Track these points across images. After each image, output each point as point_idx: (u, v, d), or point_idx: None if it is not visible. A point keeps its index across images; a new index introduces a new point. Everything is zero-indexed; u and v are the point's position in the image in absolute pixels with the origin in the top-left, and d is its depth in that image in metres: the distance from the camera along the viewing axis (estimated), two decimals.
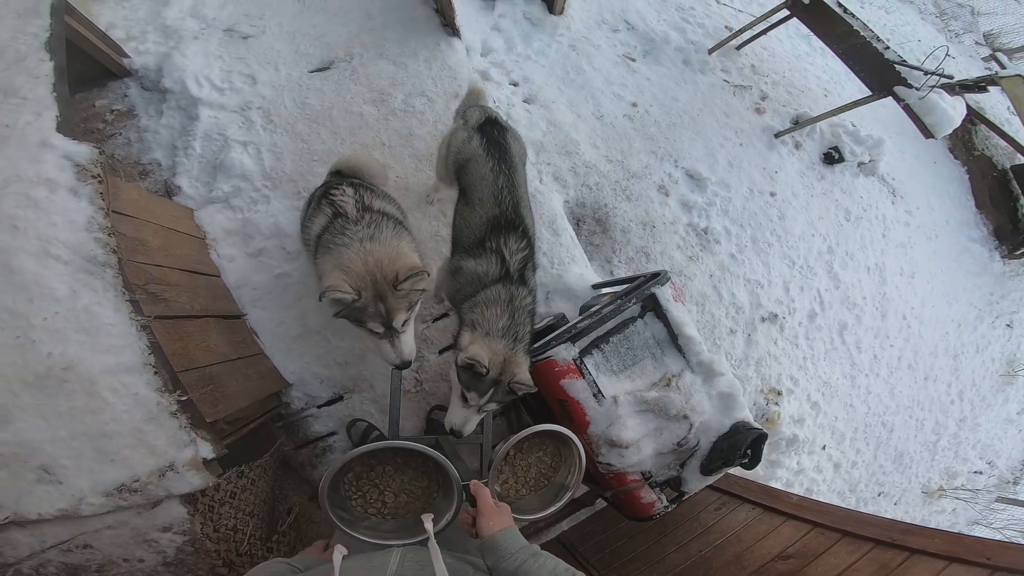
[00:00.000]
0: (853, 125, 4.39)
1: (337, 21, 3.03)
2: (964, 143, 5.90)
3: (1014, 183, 5.55)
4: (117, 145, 2.58)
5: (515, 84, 3.47)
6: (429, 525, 0.99)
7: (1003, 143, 5.68)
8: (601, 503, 2.58)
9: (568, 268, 2.68)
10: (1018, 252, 5.35)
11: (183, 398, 1.35)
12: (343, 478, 1.18)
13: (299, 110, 2.67)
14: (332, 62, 2.88)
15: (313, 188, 1.91)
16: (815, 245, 3.95)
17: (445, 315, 2.45)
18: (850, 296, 4.01)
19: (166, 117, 2.63)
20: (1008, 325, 5.14)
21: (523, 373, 1.48)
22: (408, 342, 1.48)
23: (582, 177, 3.32)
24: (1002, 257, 5.37)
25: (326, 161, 2.45)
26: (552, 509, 1.33)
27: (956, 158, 5.84)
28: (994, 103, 5.57)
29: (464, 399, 1.47)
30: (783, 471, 3.43)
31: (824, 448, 3.68)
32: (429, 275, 1.46)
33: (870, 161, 4.30)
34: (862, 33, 3.50)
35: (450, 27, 3.09)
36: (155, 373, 1.33)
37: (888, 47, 3.45)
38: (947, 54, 3.30)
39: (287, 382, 2.18)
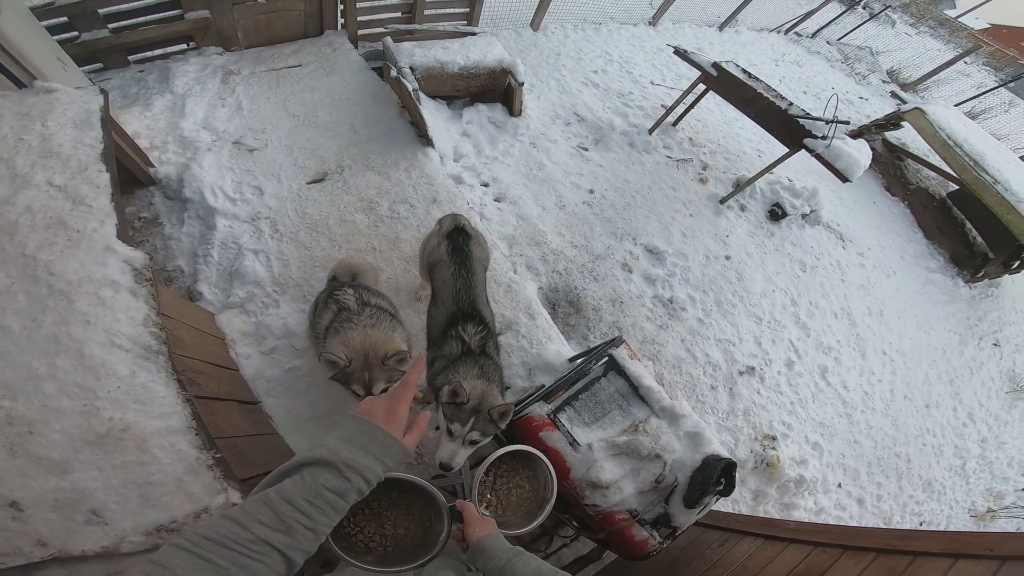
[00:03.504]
0: (789, 180, 5.00)
1: (328, 135, 3.62)
2: (898, 179, 6.53)
3: (955, 209, 6.08)
4: (146, 251, 2.83)
5: (486, 185, 4.04)
6: None
7: (934, 174, 6.32)
8: (609, 556, 2.69)
9: (546, 347, 2.98)
10: (980, 275, 5.76)
11: (217, 455, 1.64)
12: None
13: (301, 219, 3.12)
14: (326, 174, 3.40)
15: (317, 292, 2.33)
16: (778, 299, 4.33)
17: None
18: (824, 341, 4.31)
19: (187, 226, 3.02)
20: (995, 344, 5.41)
21: (498, 400, 1.76)
22: None
23: (552, 264, 3.75)
24: (966, 282, 5.75)
25: (326, 266, 2.82)
26: (536, 522, 1.55)
27: (893, 195, 6.43)
28: (914, 136, 6.26)
29: (450, 433, 1.72)
30: (800, 512, 3.50)
31: (840, 486, 3.77)
32: (411, 357, 1.83)
33: (812, 212, 4.84)
34: (766, 95, 4.12)
35: (424, 138, 3.71)
36: (196, 434, 1.63)
37: (792, 104, 4.04)
38: (838, 101, 3.83)
39: None
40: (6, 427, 1.45)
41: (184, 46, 3.91)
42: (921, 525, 3.93)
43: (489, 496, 1.60)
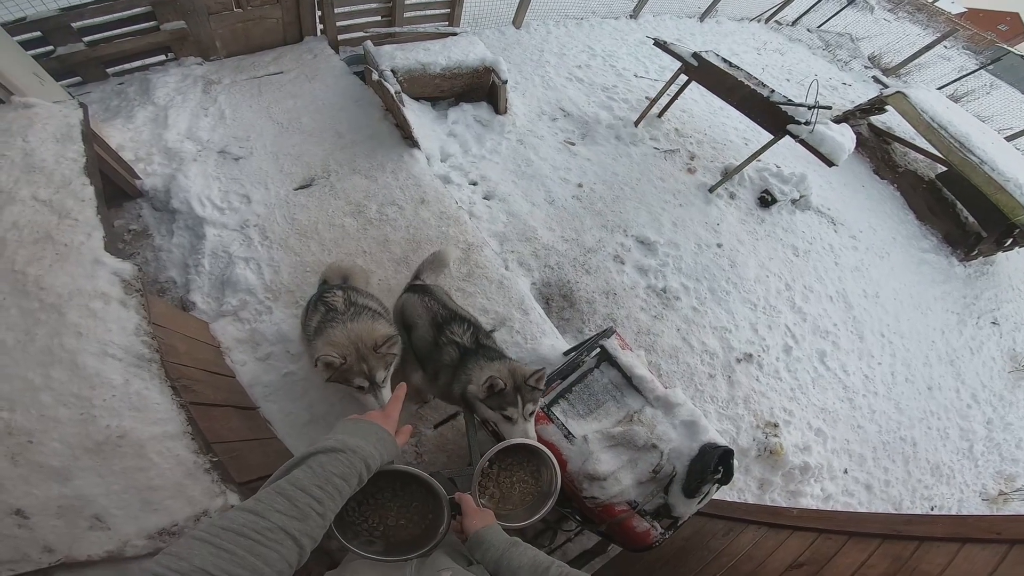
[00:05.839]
0: (777, 166, 5.06)
1: (312, 141, 3.65)
2: (886, 162, 6.63)
3: (945, 190, 6.18)
4: (137, 263, 2.81)
5: (474, 183, 4.07)
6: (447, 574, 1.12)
7: (922, 156, 6.43)
8: (614, 550, 2.72)
9: (540, 341, 3.03)
10: (974, 253, 5.84)
11: (215, 459, 1.66)
12: (346, 504, 1.41)
13: (290, 225, 3.15)
14: (313, 179, 3.43)
15: (309, 296, 2.34)
16: (772, 285, 4.37)
17: (444, 421, 2.72)
18: (820, 325, 4.35)
19: (177, 236, 3.04)
20: (994, 323, 5.44)
21: (528, 370, 1.80)
22: (388, 394, 1.79)
23: (543, 259, 3.79)
24: (960, 261, 5.82)
25: (317, 271, 2.85)
26: (537, 516, 1.56)
27: (882, 178, 6.53)
28: (899, 120, 6.34)
29: (510, 420, 1.75)
30: (808, 499, 3.51)
31: (847, 472, 3.79)
32: (400, 340, 1.87)
33: (801, 197, 4.91)
34: (747, 83, 4.18)
35: (409, 139, 3.74)
36: (192, 439, 1.65)
37: (773, 91, 4.10)
38: (818, 87, 3.90)
39: None
40: (6, 437, 1.47)
41: (163, 57, 3.93)
42: (932, 510, 3.93)
43: (492, 489, 1.62)
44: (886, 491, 3.85)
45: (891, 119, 6.76)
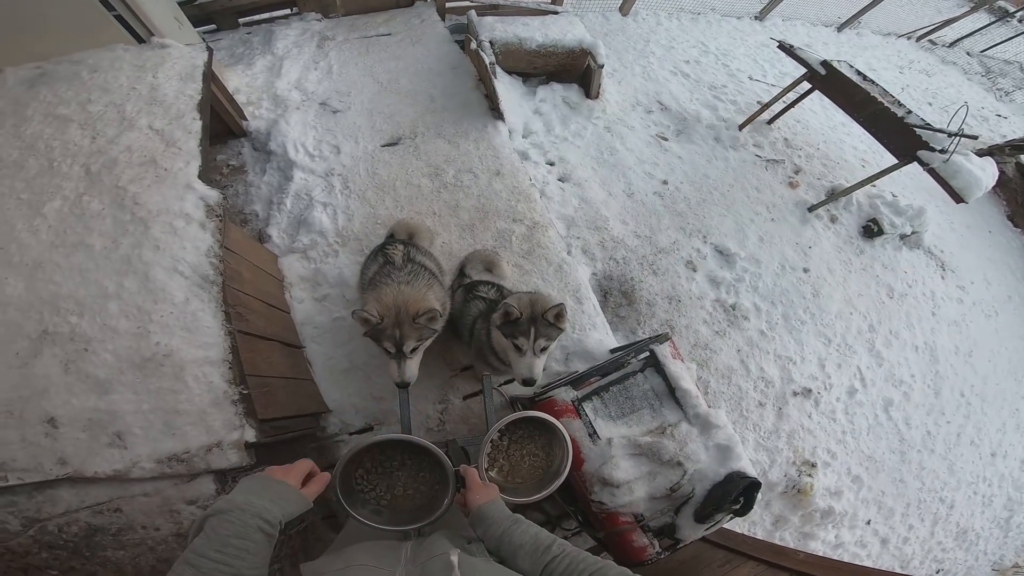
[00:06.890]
0: (893, 195, 4.42)
1: (407, 102, 3.68)
2: None
3: None
4: (228, 195, 3.13)
5: (551, 164, 3.91)
6: (455, 558, 1.01)
7: None
8: (606, 558, 2.57)
9: (588, 334, 2.87)
10: None
11: (244, 392, 1.69)
12: (355, 472, 1.35)
13: (370, 179, 3.21)
14: (400, 139, 3.47)
15: (375, 246, 2.35)
16: (854, 323, 3.88)
17: (474, 394, 2.66)
18: (896, 374, 3.85)
19: (268, 175, 3.22)
20: None
21: (549, 303, 1.73)
22: (411, 367, 1.71)
23: (610, 251, 3.58)
24: None
25: (387, 224, 2.88)
26: (544, 493, 1.48)
27: (1016, 226, 5.54)
28: None
29: (519, 350, 1.71)
30: (817, 544, 3.23)
31: (869, 523, 3.45)
32: (442, 315, 1.80)
33: (913, 233, 4.25)
34: (880, 99, 3.62)
35: (496, 111, 3.66)
36: (229, 368, 1.69)
37: (910, 111, 3.53)
38: (967, 113, 3.26)
39: (328, 408, 2.45)
40: (68, 343, 1.56)
41: (288, 11, 4.10)
42: (937, 573, 3.63)
43: (502, 461, 1.55)
44: (901, 548, 3.50)
45: None
